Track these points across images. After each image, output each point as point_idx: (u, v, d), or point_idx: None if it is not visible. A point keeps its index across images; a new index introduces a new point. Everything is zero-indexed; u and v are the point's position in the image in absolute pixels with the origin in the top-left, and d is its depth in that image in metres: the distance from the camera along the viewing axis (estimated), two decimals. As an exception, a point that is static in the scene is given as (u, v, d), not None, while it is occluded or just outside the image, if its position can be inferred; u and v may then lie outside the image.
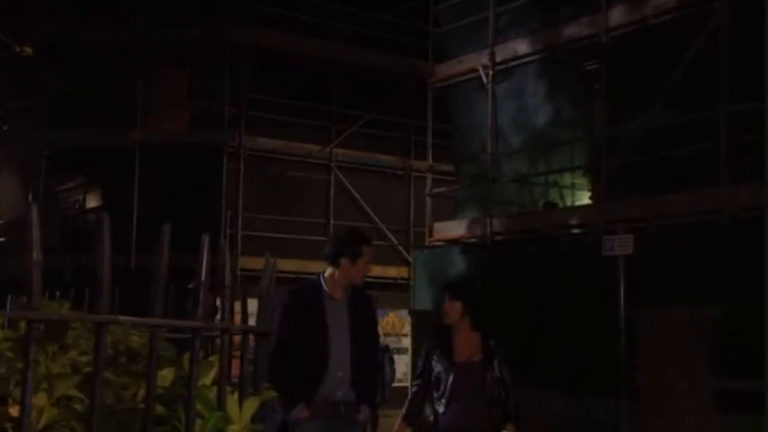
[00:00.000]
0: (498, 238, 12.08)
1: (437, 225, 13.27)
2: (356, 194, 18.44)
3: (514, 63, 12.39)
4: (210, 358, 1.78)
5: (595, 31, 11.06)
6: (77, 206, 18.10)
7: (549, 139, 12.22)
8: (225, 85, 17.08)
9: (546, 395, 10.14)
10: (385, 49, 18.29)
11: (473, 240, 12.45)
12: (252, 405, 1.73)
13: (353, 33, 18.18)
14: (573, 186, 12.59)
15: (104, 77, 17.10)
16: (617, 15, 10.86)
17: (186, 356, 1.93)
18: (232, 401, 1.70)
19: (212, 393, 1.66)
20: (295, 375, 4.72)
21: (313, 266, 11.18)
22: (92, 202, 18.10)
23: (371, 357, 5.23)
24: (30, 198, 17.61)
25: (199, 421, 1.59)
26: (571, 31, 11.48)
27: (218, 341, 2.00)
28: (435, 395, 5.39)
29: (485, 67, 12.52)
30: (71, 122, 16.98)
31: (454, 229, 12.99)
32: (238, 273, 16.99)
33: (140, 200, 16.69)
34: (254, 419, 1.74)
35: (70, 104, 17.02)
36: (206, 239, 1.69)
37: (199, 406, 1.60)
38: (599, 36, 10.97)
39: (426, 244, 13.29)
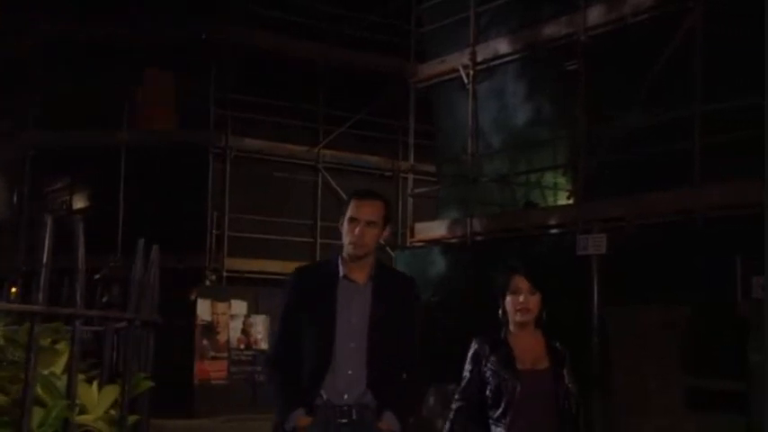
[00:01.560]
0: (479, 238, 12.05)
1: (418, 225, 13.26)
2: (343, 195, 18.38)
3: (495, 63, 12.37)
4: (58, 345, 1.75)
5: (574, 30, 11.05)
6: (64, 207, 18.07)
7: (530, 139, 12.21)
8: (211, 85, 17.07)
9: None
10: (372, 50, 18.27)
11: (454, 241, 12.43)
12: (110, 394, 1.70)
13: (341, 34, 18.16)
14: (555, 186, 12.58)
15: (90, 78, 17.08)
16: (595, 15, 10.85)
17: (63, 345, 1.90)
18: (87, 390, 1.67)
19: (62, 381, 1.64)
20: (293, 375, 3.79)
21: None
22: (79, 202, 18.07)
23: (403, 354, 3.90)
24: (15, 199, 17.60)
25: (42, 410, 1.56)
26: (551, 30, 11.47)
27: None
28: (493, 414, 4.11)
29: (465, 67, 12.50)
30: (57, 123, 16.98)
31: (435, 229, 12.97)
32: (224, 274, 17.01)
33: (126, 200, 16.67)
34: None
35: (56, 105, 17.02)
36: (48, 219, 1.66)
37: (45, 394, 1.57)
38: (578, 35, 10.96)
39: (407, 245, 13.27)
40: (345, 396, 3.75)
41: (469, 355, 4.26)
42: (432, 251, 12.66)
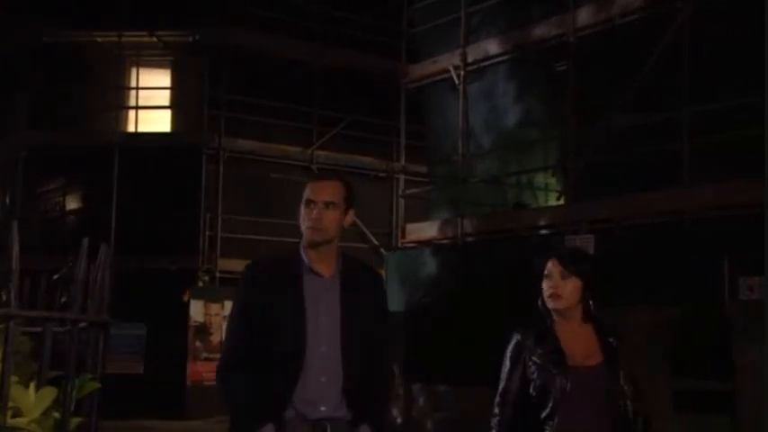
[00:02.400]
0: (469, 239, 12.05)
1: (410, 226, 13.26)
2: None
3: (486, 63, 12.38)
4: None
5: (564, 31, 11.04)
6: (58, 208, 18.05)
7: (520, 140, 12.21)
8: (205, 86, 17.04)
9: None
10: (366, 51, 18.25)
11: (445, 242, 12.42)
12: (47, 396, 1.69)
13: (334, 35, 18.15)
14: (545, 187, 12.57)
15: (83, 78, 17.07)
16: (584, 15, 10.85)
17: None
18: (21, 393, 1.65)
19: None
20: (254, 385, 3.26)
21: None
22: (72, 203, 18.05)
23: (377, 358, 3.45)
24: (7, 200, 17.58)
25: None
26: (540, 31, 11.48)
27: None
28: (539, 414, 3.59)
29: (456, 68, 12.50)
30: (50, 123, 16.95)
31: (427, 230, 12.97)
32: (217, 275, 16.99)
33: (119, 201, 16.65)
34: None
35: (48, 105, 16.98)
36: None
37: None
38: (567, 36, 10.96)
39: (399, 245, 13.27)
40: (322, 408, 3.29)
41: (509, 348, 3.74)
42: (423, 252, 12.65)
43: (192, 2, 16.96)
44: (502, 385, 3.73)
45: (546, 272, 3.72)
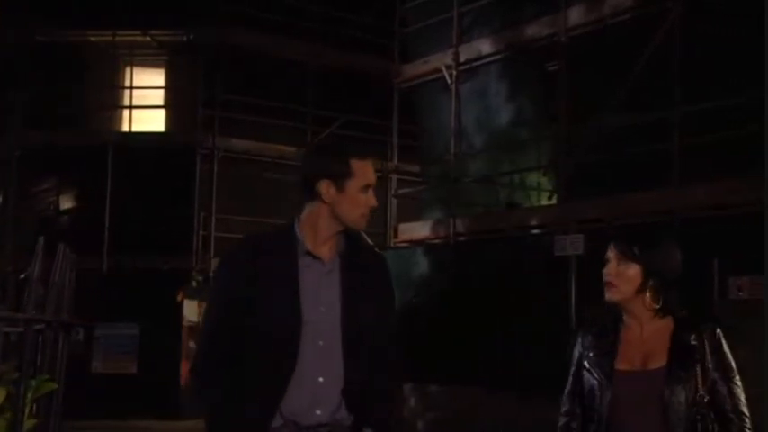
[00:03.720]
0: (461, 238, 12.05)
1: (402, 226, 13.26)
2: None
3: (478, 63, 12.38)
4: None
5: (555, 31, 11.04)
6: (52, 207, 18.03)
7: (512, 140, 12.22)
8: (199, 86, 17.03)
9: (499, 395, 10.11)
10: (361, 51, 18.23)
11: (437, 241, 12.42)
12: (-4, 396, 1.68)
13: (329, 35, 18.13)
14: (538, 187, 12.58)
15: (78, 78, 17.05)
16: (576, 15, 10.86)
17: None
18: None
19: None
20: (237, 387, 2.82)
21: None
22: (66, 203, 18.03)
23: (382, 354, 2.97)
24: (1, 199, 17.55)
25: None
26: (532, 30, 11.48)
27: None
28: (590, 428, 3.04)
29: (448, 68, 12.50)
30: (44, 123, 16.93)
31: (419, 230, 12.97)
32: (211, 275, 16.96)
33: (113, 201, 16.63)
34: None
35: (43, 105, 16.96)
36: None
37: None
38: (559, 36, 10.96)
39: (391, 245, 13.27)
40: (317, 412, 2.83)
41: (572, 346, 3.19)
42: (415, 252, 12.65)
43: (187, 1, 16.95)
44: (567, 387, 3.16)
45: (605, 258, 3.06)
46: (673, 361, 2.92)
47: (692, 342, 2.94)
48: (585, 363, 3.07)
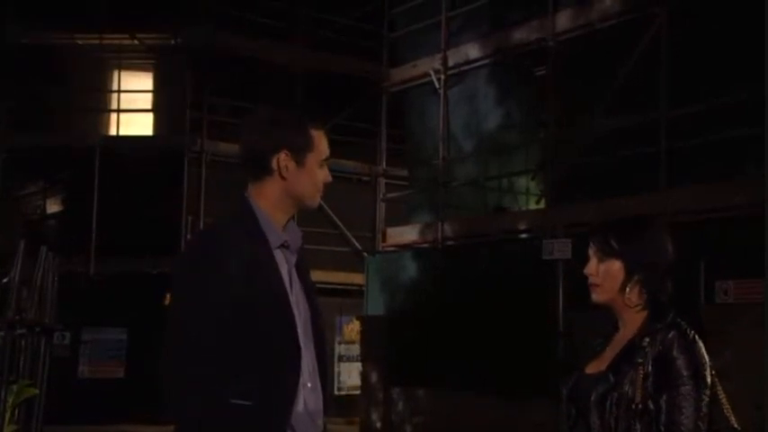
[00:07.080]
0: (450, 242, 12.07)
1: (390, 230, 13.27)
2: (321, 201, 18.33)
3: (466, 67, 12.40)
4: None
5: (543, 35, 11.08)
6: (39, 210, 17.97)
7: (501, 144, 12.25)
8: (187, 89, 16.99)
9: (487, 399, 10.12)
10: (350, 54, 18.23)
11: (425, 245, 12.43)
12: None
13: (318, 38, 18.13)
14: (527, 191, 12.61)
15: (65, 81, 17.00)
16: (564, 20, 10.89)
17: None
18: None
19: None
20: (234, 403, 2.38)
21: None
22: (53, 206, 17.97)
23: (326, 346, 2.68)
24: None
25: None
26: (520, 35, 11.51)
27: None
28: None
29: (437, 72, 12.53)
30: (30, 125, 16.87)
31: (407, 234, 12.97)
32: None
33: (101, 204, 16.57)
34: None
35: (30, 107, 16.91)
36: None
37: None
38: (547, 40, 10.99)
39: (379, 249, 13.27)
40: (319, 422, 2.51)
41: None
42: (403, 256, 12.66)
43: (174, 5, 16.92)
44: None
45: (587, 256, 2.76)
46: (613, 364, 2.59)
47: (644, 344, 2.56)
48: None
